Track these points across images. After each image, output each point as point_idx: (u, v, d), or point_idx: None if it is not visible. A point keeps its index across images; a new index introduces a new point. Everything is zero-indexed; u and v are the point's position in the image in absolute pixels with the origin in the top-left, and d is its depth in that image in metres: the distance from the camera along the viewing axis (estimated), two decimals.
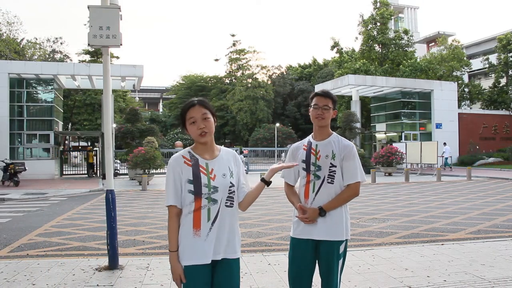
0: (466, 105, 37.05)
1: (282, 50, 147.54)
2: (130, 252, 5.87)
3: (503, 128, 30.71)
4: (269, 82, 54.30)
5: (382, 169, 21.76)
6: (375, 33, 34.00)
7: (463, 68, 36.01)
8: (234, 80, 54.80)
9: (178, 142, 46.47)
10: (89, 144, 40.94)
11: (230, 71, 55.29)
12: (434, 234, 6.82)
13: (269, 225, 7.90)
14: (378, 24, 33.97)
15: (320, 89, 2.98)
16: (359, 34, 35.22)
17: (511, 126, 31.14)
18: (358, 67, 32.02)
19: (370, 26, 34.00)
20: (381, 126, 30.74)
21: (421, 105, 29.02)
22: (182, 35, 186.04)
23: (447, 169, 24.02)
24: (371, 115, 32.32)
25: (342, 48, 38.92)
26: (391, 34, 34.83)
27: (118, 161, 23.53)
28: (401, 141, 27.20)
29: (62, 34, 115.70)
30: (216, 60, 58.57)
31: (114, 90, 27.32)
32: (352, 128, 25.72)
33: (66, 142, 31.93)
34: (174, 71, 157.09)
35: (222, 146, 2.36)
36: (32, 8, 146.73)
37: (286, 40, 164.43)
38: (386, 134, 29.64)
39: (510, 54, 33.75)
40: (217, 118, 2.26)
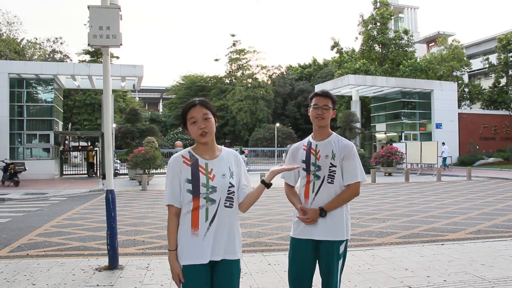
0: (466, 105, 37.05)
1: (282, 50, 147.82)
2: (130, 252, 5.87)
3: (503, 128, 30.71)
4: (269, 82, 54.30)
5: (382, 169, 21.76)
6: (375, 33, 33.99)
7: (463, 68, 36.03)
8: (234, 80, 54.80)
9: (178, 142, 46.49)
10: (89, 144, 40.93)
11: (230, 71, 55.28)
12: (434, 234, 6.83)
13: (269, 225, 7.90)
14: (378, 24, 33.97)
15: (320, 89, 2.98)
16: (359, 34, 35.23)
17: (511, 126, 31.14)
18: (358, 67, 32.01)
19: (370, 26, 34.00)
20: (381, 126, 30.74)
21: (421, 105, 29.02)
22: (182, 35, 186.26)
23: (446, 168, 24.02)
24: (371, 115, 32.32)
25: (342, 48, 38.94)
26: (391, 34, 34.83)
27: (118, 161, 23.53)
28: (401, 141, 27.20)
29: (62, 34, 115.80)
30: (216, 60, 58.58)
31: (114, 90, 27.32)
32: (352, 128, 25.72)
33: (66, 142, 31.92)
34: (174, 71, 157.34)
35: (223, 146, 2.35)
36: (32, 8, 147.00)
37: (286, 40, 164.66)
38: (386, 134, 29.64)
39: (510, 54, 33.75)
40: (218, 118, 2.25)
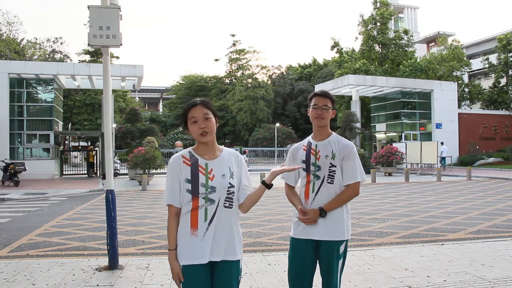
0: (466, 105, 37.05)
1: (282, 50, 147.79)
2: (130, 252, 5.87)
3: (503, 128, 30.71)
4: (269, 82, 54.29)
5: (382, 169, 21.76)
6: (375, 33, 33.98)
7: (463, 68, 36.02)
8: (234, 80, 54.78)
9: (178, 142, 46.48)
10: (89, 144, 40.94)
11: (230, 71, 55.27)
12: (434, 234, 6.82)
13: (269, 225, 7.90)
14: (378, 24, 33.96)
15: (320, 89, 2.99)
16: (359, 34, 35.22)
17: (511, 126, 31.14)
18: (358, 67, 32.00)
19: (370, 26, 33.99)
20: (381, 126, 30.73)
21: (421, 105, 29.02)
22: (182, 35, 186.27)
23: (446, 168, 24.01)
24: (371, 115, 32.32)
25: (342, 48, 38.92)
26: (391, 34, 34.81)
27: (118, 161, 23.53)
28: (401, 141, 27.20)
29: (62, 34, 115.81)
30: (216, 60, 58.55)
31: (114, 90, 27.32)
32: (352, 128, 25.72)
33: (66, 142, 31.92)
34: (174, 71, 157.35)
35: (223, 146, 2.34)
36: (32, 8, 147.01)
37: (286, 40, 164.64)
38: (386, 134, 29.64)
39: (510, 54, 33.75)
40: (218, 118, 2.25)
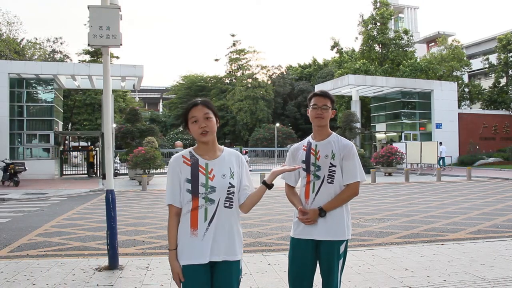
0: (466, 105, 37.04)
1: (282, 50, 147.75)
2: (130, 252, 5.87)
3: (503, 128, 30.71)
4: (269, 82, 54.28)
5: (382, 169, 21.76)
6: (375, 33, 33.98)
7: (463, 68, 36.01)
8: (234, 80, 54.78)
9: (178, 142, 46.48)
10: (89, 144, 40.95)
11: (230, 71, 55.26)
12: (434, 234, 6.82)
13: (269, 225, 7.90)
14: (378, 24, 33.95)
15: (319, 89, 2.99)
16: (359, 34, 35.22)
17: (511, 126, 31.14)
18: (358, 67, 32.00)
19: (370, 26, 33.98)
20: (381, 126, 30.73)
21: (421, 105, 29.02)
22: (182, 35, 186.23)
23: (445, 169, 24.00)
24: (371, 115, 32.32)
25: (342, 48, 38.91)
26: (391, 34, 34.81)
27: (118, 161, 23.53)
28: (401, 141, 27.20)
29: (62, 34, 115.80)
30: (216, 60, 58.53)
31: (114, 90, 27.32)
32: (352, 128, 25.72)
33: (66, 142, 31.92)
34: (174, 71, 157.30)
35: (224, 146, 2.34)
36: (32, 8, 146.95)
37: (286, 40, 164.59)
38: (386, 134, 29.64)
39: (510, 54, 33.74)
40: (219, 119, 2.26)
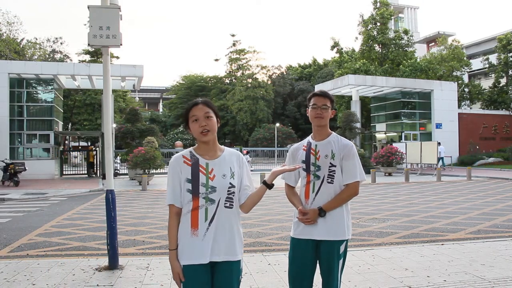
0: (466, 105, 37.04)
1: (282, 50, 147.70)
2: (130, 252, 5.87)
3: (503, 128, 30.70)
4: (269, 82, 54.29)
5: (382, 169, 21.76)
6: (375, 33, 33.98)
7: (463, 68, 36.01)
8: (234, 80, 54.78)
9: (178, 142, 46.48)
10: (89, 144, 40.95)
11: (230, 71, 55.27)
12: (434, 234, 6.82)
13: (269, 225, 7.90)
14: (378, 24, 33.95)
15: (319, 89, 2.99)
16: (359, 34, 35.21)
17: (511, 126, 31.14)
18: (358, 67, 31.99)
19: (370, 26, 33.98)
20: (381, 126, 30.73)
21: (421, 105, 29.02)
22: (182, 35, 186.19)
23: (446, 168, 24.01)
24: (371, 115, 32.31)
25: (342, 48, 38.89)
26: (391, 34, 34.80)
27: (119, 161, 23.52)
28: (401, 141, 27.20)
29: (62, 34, 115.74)
30: (216, 60, 58.55)
31: (114, 90, 27.32)
32: (352, 128, 25.72)
33: (66, 142, 31.91)
34: (174, 71, 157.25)
35: (224, 146, 2.34)
36: (32, 8, 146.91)
37: (286, 40, 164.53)
38: (386, 134, 29.63)
39: (510, 54, 33.74)
40: (220, 119, 2.25)
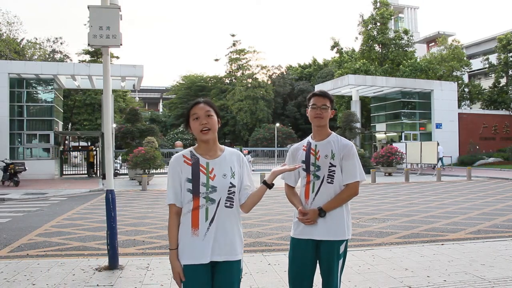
0: (466, 105, 37.04)
1: (282, 50, 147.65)
2: (130, 252, 5.87)
3: (503, 128, 30.71)
4: (269, 82, 54.30)
5: (382, 169, 21.76)
6: (375, 33, 33.97)
7: (463, 68, 36.02)
8: (234, 80, 54.79)
9: (178, 142, 46.48)
10: (89, 144, 40.95)
11: (230, 71, 55.28)
12: (434, 234, 6.82)
13: (269, 225, 7.90)
14: (378, 24, 33.94)
15: (319, 89, 2.99)
16: (359, 34, 35.21)
17: (511, 126, 31.14)
18: (358, 67, 31.99)
19: (370, 26, 33.97)
20: (381, 126, 30.73)
21: (421, 105, 29.02)
22: (182, 35, 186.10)
23: (446, 168, 24.01)
24: (371, 115, 32.32)
25: (342, 48, 38.89)
26: (391, 34, 34.80)
27: (119, 161, 23.52)
28: (401, 141, 27.20)
29: (62, 34, 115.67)
30: (216, 60, 58.57)
31: (114, 90, 27.32)
32: (352, 128, 25.72)
33: (66, 142, 31.91)
34: (174, 71, 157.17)
35: (224, 146, 2.34)
36: (32, 8, 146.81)
37: (286, 40, 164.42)
38: (386, 134, 29.64)
39: (510, 54, 33.75)
40: (221, 119, 2.26)
